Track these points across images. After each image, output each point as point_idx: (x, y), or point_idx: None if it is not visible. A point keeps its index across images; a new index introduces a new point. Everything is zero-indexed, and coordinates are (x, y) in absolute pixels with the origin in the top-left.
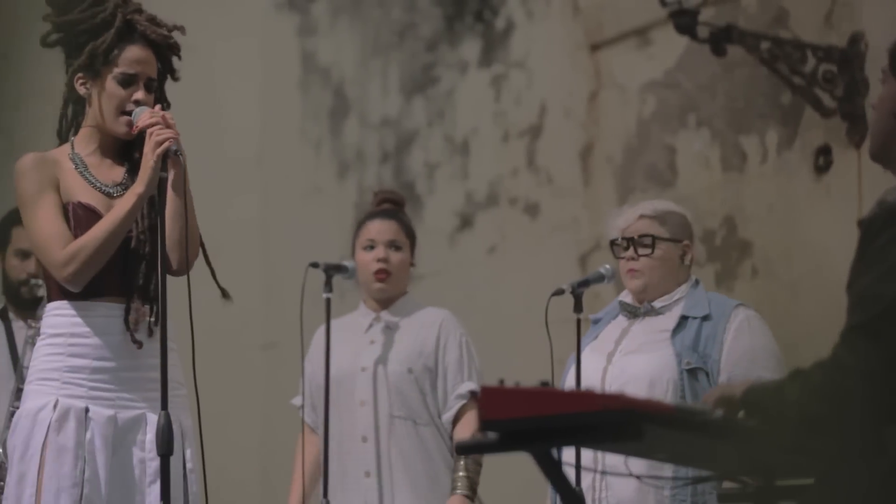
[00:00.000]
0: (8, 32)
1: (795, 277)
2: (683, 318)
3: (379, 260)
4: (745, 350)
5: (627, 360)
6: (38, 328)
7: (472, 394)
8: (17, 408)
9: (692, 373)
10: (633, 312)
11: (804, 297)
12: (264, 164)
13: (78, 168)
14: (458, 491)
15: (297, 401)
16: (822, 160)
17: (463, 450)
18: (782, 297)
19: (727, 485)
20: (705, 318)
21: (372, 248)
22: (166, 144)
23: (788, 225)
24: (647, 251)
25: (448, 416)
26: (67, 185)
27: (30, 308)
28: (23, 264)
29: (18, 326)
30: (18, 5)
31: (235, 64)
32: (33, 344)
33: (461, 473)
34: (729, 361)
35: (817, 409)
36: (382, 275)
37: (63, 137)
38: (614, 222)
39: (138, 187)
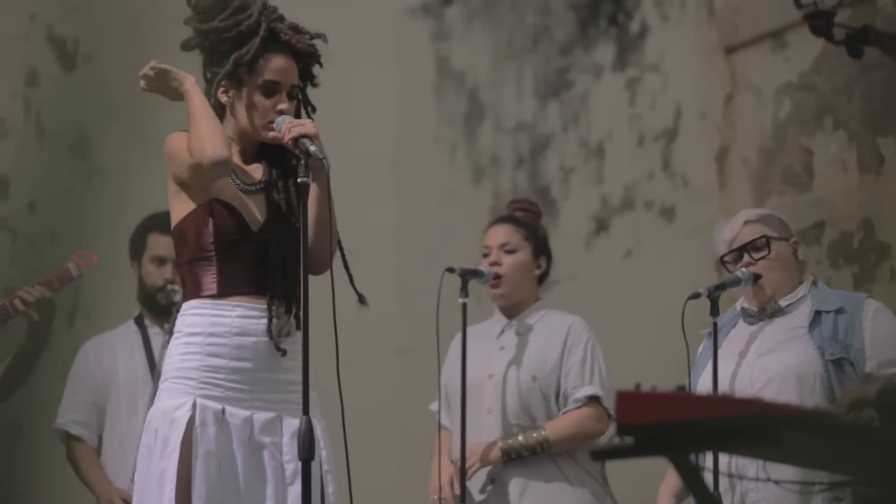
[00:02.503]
0: (143, 39)
1: None
2: (817, 313)
3: (491, 264)
4: (888, 334)
5: (768, 359)
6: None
7: (590, 398)
8: None
9: (837, 364)
10: (757, 316)
11: None
12: (399, 169)
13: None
14: (502, 441)
15: (433, 406)
16: None
17: (598, 455)
18: None
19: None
20: (839, 311)
21: (487, 254)
22: (296, 131)
23: None
24: (764, 252)
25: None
26: None
27: (166, 314)
28: (159, 270)
29: (154, 332)
30: (154, 13)
31: (370, 70)
32: (167, 348)
33: (519, 436)
34: (874, 347)
35: None
36: (495, 281)
37: None
38: (720, 237)
39: (186, 82)
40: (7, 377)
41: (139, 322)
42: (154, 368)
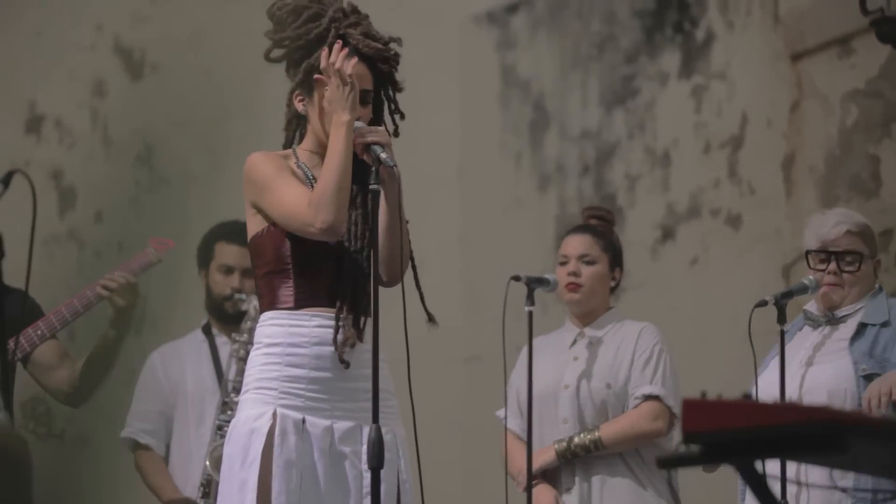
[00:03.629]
0: (209, 49)
1: None
2: (862, 326)
3: (569, 274)
4: None
5: (808, 371)
6: (242, 342)
7: (648, 396)
8: (224, 421)
9: (869, 379)
10: (816, 321)
11: None
12: (465, 177)
13: (308, 178)
14: (556, 443)
15: (501, 413)
16: None
17: (665, 463)
18: None
19: None
20: (884, 324)
21: (565, 263)
22: (370, 139)
23: None
24: (853, 268)
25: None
26: None
27: (233, 323)
28: (226, 279)
29: (222, 342)
30: (220, 22)
31: (435, 78)
32: (238, 358)
33: (574, 438)
34: None
35: None
36: (573, 286)
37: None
38: (815, 231)
39: (342, 116)
40: (91, 364)
41: (207, 331)
42: (221, 377)
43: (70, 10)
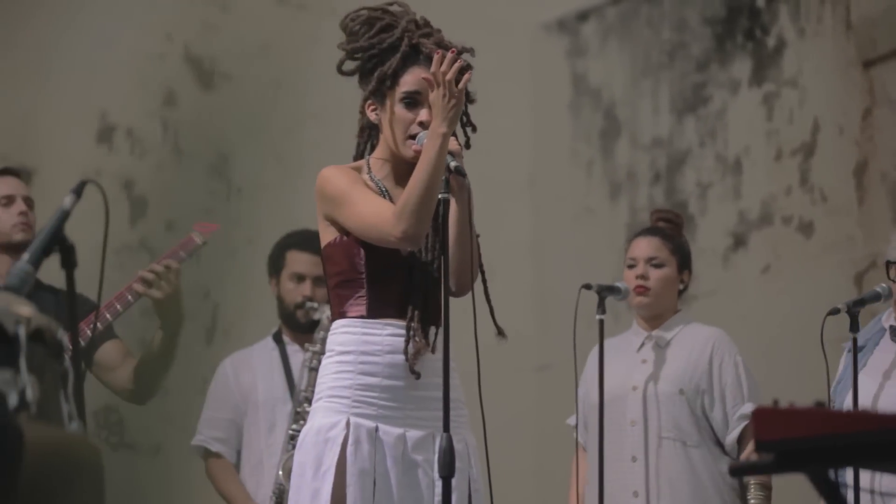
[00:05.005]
0: (280, 58)
1: None
2: None
3: (637, 277)
4: None
5: (885, 384)
6: (315, 352)
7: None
8: (297, 431)
9: None
10: None
11: None
12: (536, 186)
13: (381, 190)
14: None
15: (571, 420)
16: None
17: (737, 471)
18: None
19: None
20: None
21: (633, 266)
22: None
23: None
24: None
25: (732, 437)
26: None
27: (305, 331)
28: (298, 288)
29: (293, 350)
30: (290, 32)
31: (506, 86)
32: (311, 368)
33: (752, 502)
34: None
35: None
36: (641, 289)
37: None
38: None
39: (440, 127)
40: (146, 360)
41: (277, 339)
42: (293, 385)
43: (140, 20)
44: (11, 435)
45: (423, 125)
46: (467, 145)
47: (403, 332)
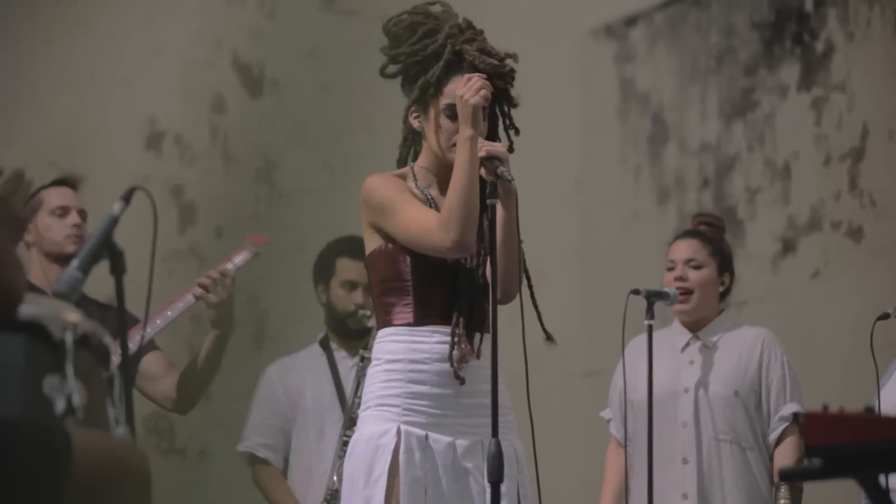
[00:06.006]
0: (327, 65)
1: None
2: None
3: (676, 279)
4: None
5: None
6: (370, 358)
7: (795, 416)
8: (349, 437)
9: None
10: None
11: None
12: (583, 191)
13: (427, 198)
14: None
15: (606, 414)
16: None
17: (787, 476)
18: None
19: None
20: None
21: (672, 268)
22: (483, 152)
23: None
24: None
25: (772, 437)
26: None
27: (354, 338)
28: (350, 295)
29: (341, 356)
30: (339, 38)
31: (554, 92)
32: (365, 375)
33: (782, 502)
34: None
35: None
36: (684, 296)
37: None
38: None
39: (465, 131)
40: (193, 366)
41: (325, 345)
42: (341, 392)
43: (189, 27)
44: (59, 440)
45: None
46: (510, 149)
47: (450, 339)
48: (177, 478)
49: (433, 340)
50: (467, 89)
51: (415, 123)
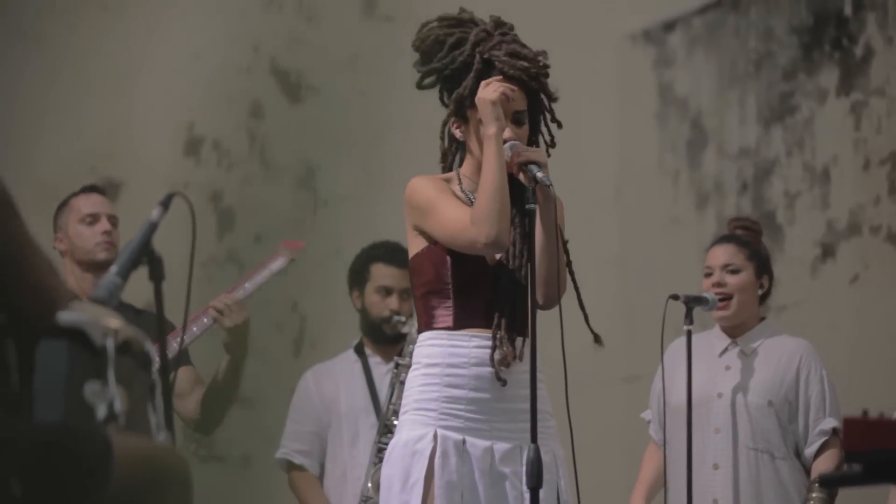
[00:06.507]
0: (367, 71)
1: None
2: None
3: (714, 284)
4: None
5: None
6: (405, 365)
7: (835, 430)
8: (385, 444)
9: None
10: None
11: None
12: (622, 196)
13: (471, 202)
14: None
15: (646, 415)
16: None
17: (827, 482)
18: None
19: None
20: None
21: (710, 274)
22: (522, 157)
23: None
24: None
25: (811, 450)
26: None
27: (389, 344)
28: (385, 301)
29: (375, 362)
30: (377, 45)
31: (592, 97)
32: (400, 382)
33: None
34: None
35: None
36: (723, 304)
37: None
38: None
39: (488, 128)
40: (212, 391)
41: (359, 351)
42: (376, 398)
43: (227, 33)
44: (100, 446)
45: (506, 140)
46: (552, 143)
47: (489, 343)
48: (218, 484)
49: (472, 345)
50: (486, 91)
51: (457, 133)
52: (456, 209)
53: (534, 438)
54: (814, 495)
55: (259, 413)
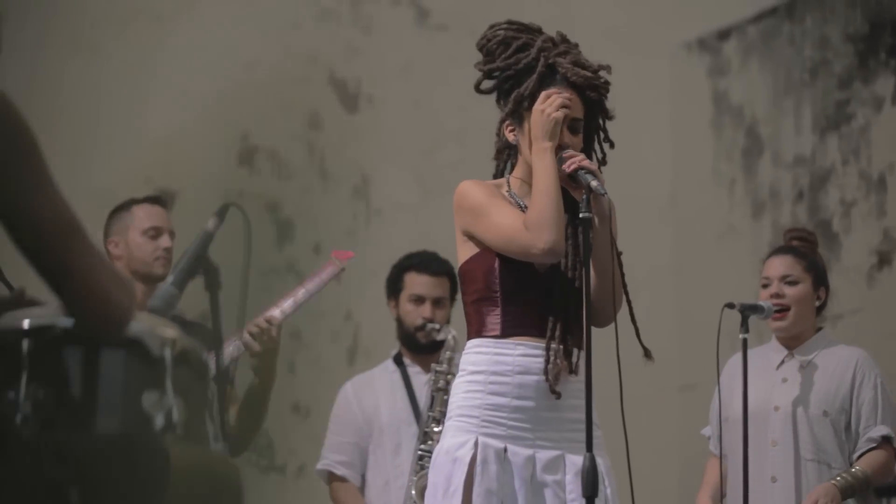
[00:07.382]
0: (421, 80)
1: None
2: None
3: (772, 296)
4: None
5: None
6: (441, 372)
7: (885, 438)
8: (425, 451)
9: None
10: None
11: None
12: (678, 205)
13: (521, 207)
14: (833, 480)
15: (706, 431)
16: None
17: (884, 492)
18: None
19: None
20: None
21: (768, 285)
22: (575, 165)
23: None
24: None
25: (856, 456)
26: None
27: (426, 353)
28: (418, 310)
29: (414, 371)
30: (431, 53)
31: (648, 105)
32: (437, 388)
33: (846, 475)
34: None
35: None
36: (780, 315)
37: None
38: None
39: (543, 143)
40: (241, 414)
41: (398, 361)
42: (417, 406)
43: (285, 43)
44: (157, 456)
45: (563, 147)
46: (603, 161)
47: (536, 352)
48: (276, 495)
49: (517, 353)
50: (548, 104)
51: (510, 137)
52: (509, 213)
53: (589, 447)
54: (852, 470)
55: (316, 423)
